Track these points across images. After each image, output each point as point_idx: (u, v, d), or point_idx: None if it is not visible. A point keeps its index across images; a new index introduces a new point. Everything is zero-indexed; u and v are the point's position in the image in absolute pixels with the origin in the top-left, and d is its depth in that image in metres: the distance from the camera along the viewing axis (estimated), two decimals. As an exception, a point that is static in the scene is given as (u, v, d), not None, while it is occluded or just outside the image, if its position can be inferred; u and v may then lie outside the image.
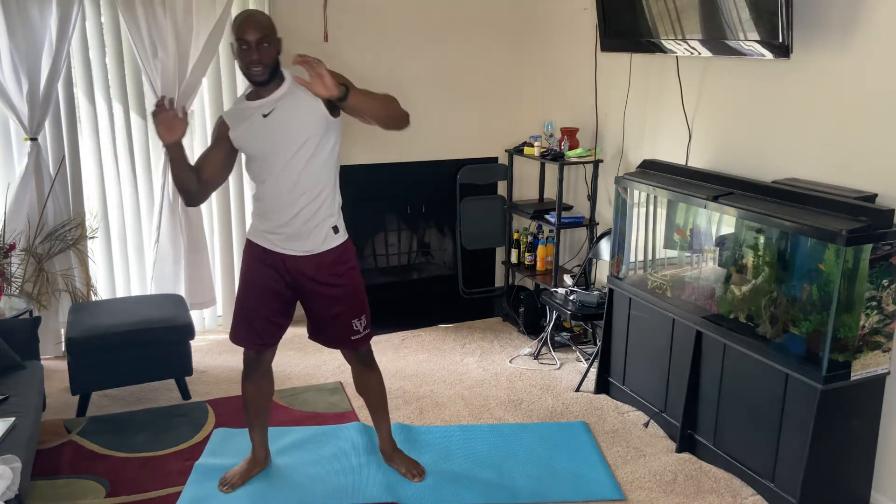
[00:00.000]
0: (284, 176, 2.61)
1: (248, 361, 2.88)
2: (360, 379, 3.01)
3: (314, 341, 2.90)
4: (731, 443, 3.09)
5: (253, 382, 2.90)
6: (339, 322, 2.80)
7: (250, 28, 2.51)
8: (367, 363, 2.96)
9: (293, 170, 2.61)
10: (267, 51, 2.53)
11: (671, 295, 3.31)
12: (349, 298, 2.79)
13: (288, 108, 2.59)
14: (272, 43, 2.55)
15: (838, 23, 2.87)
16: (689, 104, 3.64)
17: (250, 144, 2.64)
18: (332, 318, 2.80)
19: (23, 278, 3.89)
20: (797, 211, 2.75)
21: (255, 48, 2.51)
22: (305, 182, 2.63)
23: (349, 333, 2.82)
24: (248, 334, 2.82)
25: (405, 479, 3.00)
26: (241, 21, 2.53)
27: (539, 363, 4.19)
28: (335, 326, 2.81)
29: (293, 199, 2.63)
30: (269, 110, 2.59)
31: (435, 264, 5.16)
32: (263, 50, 2.52)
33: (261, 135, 2.61)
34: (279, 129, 2.58)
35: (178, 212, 4.19)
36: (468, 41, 4.83)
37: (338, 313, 2.78)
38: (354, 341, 2.84)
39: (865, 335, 2.65)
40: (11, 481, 2.33)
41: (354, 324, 2.81)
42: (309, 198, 2.64)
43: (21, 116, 3.82)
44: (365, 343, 2.89)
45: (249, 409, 2.96)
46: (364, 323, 2.84)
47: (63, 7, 3.76)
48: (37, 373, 3.15)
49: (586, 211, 4.43)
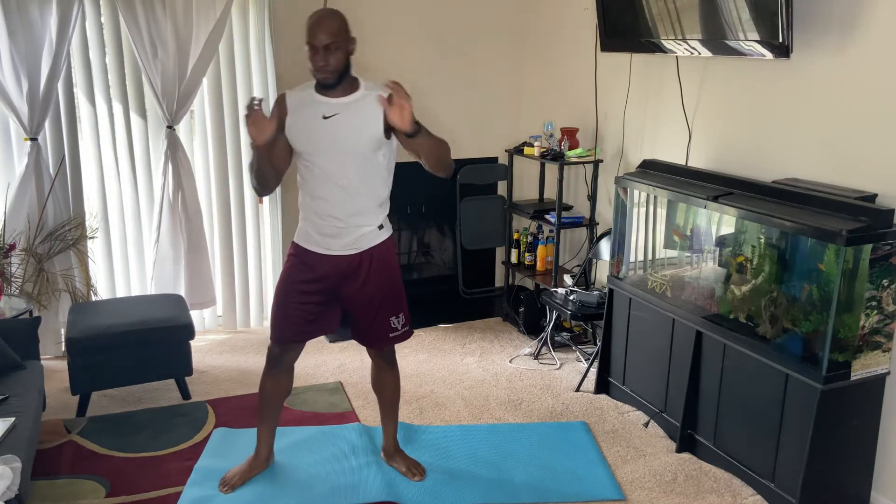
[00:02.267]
0: (335, 176, 2.62)
1: (270, 356, 2.89)
2: (378, 376, 3.03)
3: (356, 340, 2.92)
4: (731, 443, 3.09)
5: (272, 378, 2.91)
6: (378, 320, 2.82)
7: (319, 32, 2.49)
8: (389, 361, 3.00)
9: (343, 173, 2.62)
10: (335, 55, 2.52)
11: (671, 295, 3.31)
12: (388, 295, 2.81)
13: (350, 118, 2.59)
14: (341, 47, 2.53)
15: (838, 23, 2.87)
16: (689, 104, 3.64)
17: (303, 138, 2.63)
18: (371, 317, 2.82)
19: (23, 278, 3.89)
20: (797, 211, 2.75)
21: (323, 53, 2.50)
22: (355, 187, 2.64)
23: (388, 331, 2.85)
24: (281, 328, 2.83)
25: (405, 479, 3.01)
26: (311, 24, 2.51)
27: (539, 363, 4.19)
28: (374, 325, 2.83)
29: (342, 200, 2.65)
30: (332, 114, 2.59)
31: (435, 264, 5.16)
32: (331, 54, 2.51)
33: (315, 134, 2.60)
34: (334, 134, 2.58)
35: (178, 212, 4.18)
36: (468, 41, 4.83)
37: (377, 312, 2.81)
38: (393, 338, 2.87)
39: (865, 335, 2.65)
40: (11, 481, 2.33)
41: (392, 321, 2.84)
42: (358, 203, 2.66)
43: (21, 116, 3.82)
44: (403, 339, 2.91)
45: (264, 405, 2.96)
46: (402, 321, 2.87)
47: (63, 7, 3.76)
48: (37, 373, 3.15)
49: (586, 211, 4.43)
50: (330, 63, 2.52)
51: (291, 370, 2.95)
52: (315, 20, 2.52)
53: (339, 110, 2.59)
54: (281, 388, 2.95)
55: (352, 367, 4.08)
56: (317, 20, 2.52)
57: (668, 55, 3.57)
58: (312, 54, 2.52)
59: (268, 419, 3.00)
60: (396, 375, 3.04)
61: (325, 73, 2.53)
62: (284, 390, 2.97)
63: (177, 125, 4.14)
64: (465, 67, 4.85)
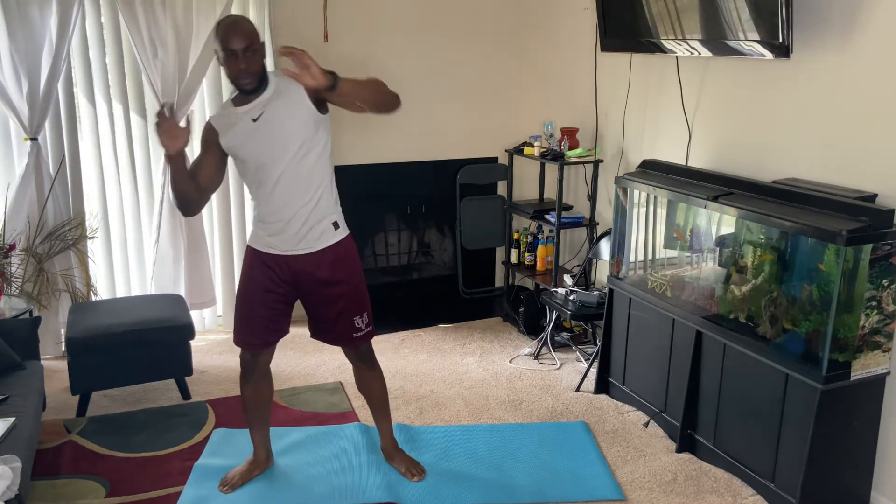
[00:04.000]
0: (280, 177, 2.60)
1: (244, 364, 2.87)
2: (360, 378, 3.01)
3: (316, 339, 2.90)
4: (731, 443, 3.09)
5: (251, 385, 2.89)
6: (341, 320, 2.79)
7: (236, 36, 2.44)
8: (368, 362, 2.96)
9: (288, 170, 2.59)
10: (253, 58, 2.48)
11: (671, 295, 3.31)
12: (351, 296, 2.78)
13: (277, 110, 2.55)
14: (258, 49, 2.51)
15: (838, 23, 2.87)
16: (689, 104, 3.64)
17: (243, 149, 2.61)
18: (333, 317, 2.79)
19: (23, 278, 3.89)
20: (797, 211, 2.75)
21: (242, 56, 2.46)
22: (301, 181, 2.62)
23: (351, 331, 2.81)
24: (245, 335, 2.81)
25: (405, 479, 3.00)
26: (225, 28, 2.46)
27: (539, 363, 4.19)
28: (337, 324, 2.81)
29: (290, 199, 2.63)
30: (259, 114, 2.56)
31: (435, 264, 5.16)
32: (250, 58, 2.47)
33: (253, 139, 2.58)
34: (270, 131, 2.56)
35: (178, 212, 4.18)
36: (468, 41, 4.83)
37: (339, 311, 2.77)
38: (356, 339, 2.84)
39: (865, 335, 2.65)
40: (11, 481, 2.33)
41: (356, 321, 2.81)
42: (306, 197, 2.63)
43: (21, 116, 3.82)
44: (366, 340, 2.88)
45: (248, 412, 2.96)
46: (366, 320, 2.84)
47: (63, 7, 3.76)
48: (37, 373, 3.15)
49: (586, 211, 4.43)
50: (251, 66, 2.48)
51: (268, 373, 2.93)
52: (229, 23, 2.47)
53: (263, 108, 2.56)
54: (261, 393, 2.93)
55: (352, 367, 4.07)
56: (231, 23, 2.47)
57: (668, 55, 3.57)
58: (231, 60, 2.46)
59: (257, 425, 2.99)
60: (379, 375, 3.02)
61: (247, 78, 2.50)
62: (266, 394, 2.96)
63: (177, 125, 4.14)
64: (465, 67, 4.85)
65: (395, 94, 2.60)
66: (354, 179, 4.60)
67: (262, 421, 2.99)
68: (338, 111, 2.64)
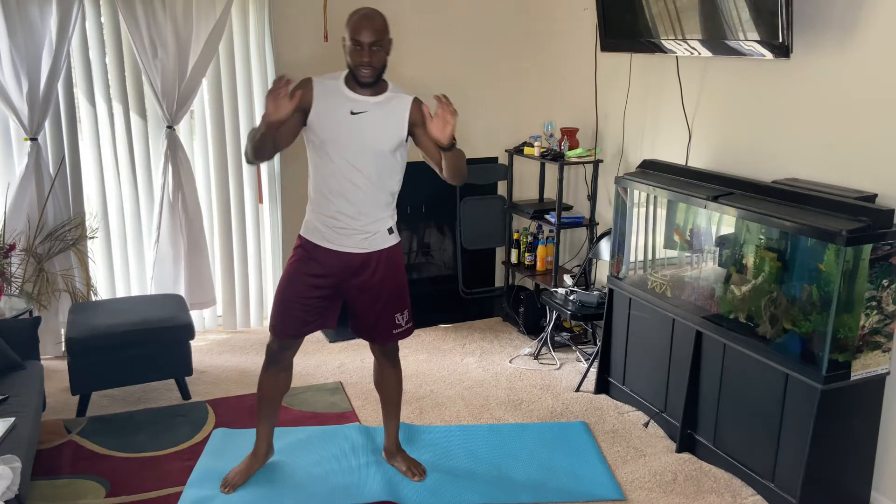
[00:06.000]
0: (359, 179, 2.64)
1: (270, 353, 2.89)
2: (381, 373, 3.04)
3: (358, 336, 2.95)
4: (731, 443, 3.09)
5: (271, 375, 2.91)
6: (383, 317, 2.84)
7: (366, 29, 2.49)
8: (392, 359, 3.01)
9: (368, 175, 2.64)
10: (377, 54, 2.53)
11: (671, 295, 3.31)
12: (394, 294, 2.83)
13: (377, 117, 2.61)
14: (384, 46, 2.55)
15: (838, 23, 2.87)
16: (689, 104, 3.64)
17: (327, 129, 2.62)
18: (376, 315, 2.83)
19: (23, 278, 3.89)
20: (797, 211, 2.75)
21: (367, 50, 2.51)
22: (375, 188, 2.68)
23: (391, 327, 2.87)
24: (279, 322, 2.82)
25: (405, 479, 3.01)
26: (358, 20, 2.51)
27: (539, 363, 4.19)
28: (378, 321, 2.85)
29: (362, 202, 2.67)
30: (361, 111, 2.60)
31: (435, 264, 5.16)
32: (374, 53, 2.52)
33: (342, 129, 2.61)
34: (362, 131, 2.60)
35: (178, 212, 4.19)
36: (468, 41, 4.83)
37: (382, 309, 2.82)
38: (396, 335, 2.89)
39: (865, 335, 2.65)
40: (11, 481, 2.33)
41: (397, 318, 2.86)
42: (375, 203, 2.69)
43: (21, 116, 3.82)
44: (406, 336, 2.93)
45: (262, 402, 2.97)
46: (406, 317, 2.89)
47: (63, 7, 3.76)
48: (37, 373, 3.15)
49: (586, 211, 4.43)
50: (374, 61, 2.53)
51: (290, 367, 2.95)
52: (362, 16, 2.51)
53: (367, 108, 2.61)
54: (280, 385, 2.95)
55: (352, 367, 4.08)
56: (364, 17, 2.51)
57: (668, 55, 3.57)
58: (357, 51, 2.52)
59: (267, 416, 3.00)
60: (399, 373, 3.05)
61: (368, 70, 2.54)
62: (283, 387, 2.97)
63: (177, 125, 4.14)
64: (464, 67, 4.85)
65: (467, 173, 2.72)
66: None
67: (272, 412, 3.00)
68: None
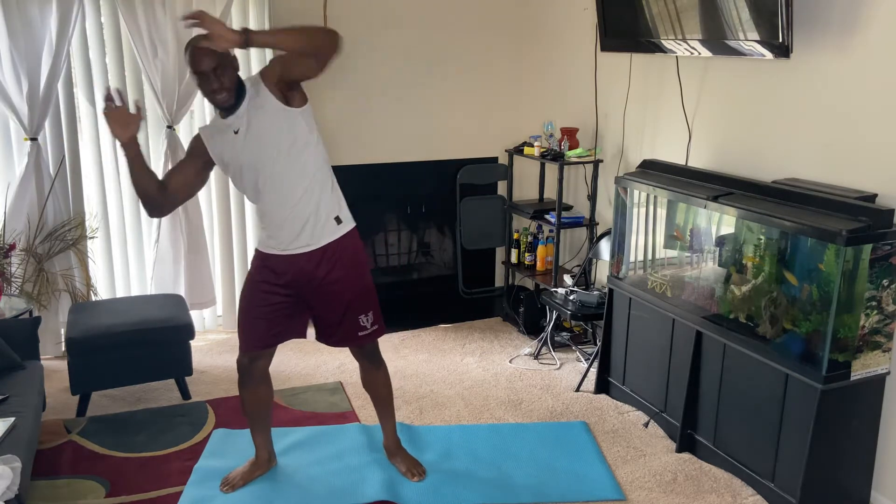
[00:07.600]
0: (270, 179, 2.60)
1: (241, 368, 2.86)
2: (366, 376, 3.01)
3: (322, 343, 2.87)
4: (731, 443, 3.09)
5: (249, 390, 2.88)
6: (346, 319, 2.77)
7: (201, 58, 2.44)
8: (373, 360, 2.95)
9: (277, 172, 2.59)
10: (226, 74, 2.48)
11: (671, 295, 3.31)
12: (354, 293, 2.75)
13: (255, 119, 2.56)
14: (228, 64, 2.50)
15: (838, 23, 2.87)
16: (689, 104, 3.64)
17: (234, 159, 2.62)
18: (338, 317, 2.77)
19: (23, 278, 3.89)
20: (797, 211, 2.75)
21: (213, 76, 2.46)
22: (293, 179, 2.60)
23: (356, 330, 2.79)
24: (244, 336, 2.81)
25: (405, 479, 3.00)
26: (190, 54, 2.47)
27: (539, 363, 4.18)
28: (342, 325, 2.78)
29: (284, 198, 2.62)
30: (239, 127, 2.57)
31: (435, 264, 5.16)
32: (221, 75, 2.47)
33: (238, 150, 2.59)
34: (253, 140, 2.56)
35: (178, 212, 4.18)
36: (469, 41, 4.83)
37: (344, 310, 2.75)
38: (362, 338, 2.81)
39: (865, 335, 2.65)
40: (11, 481, 2.33)
41: (361, 320, 2.78)
42: (300, 194, 2.62)
43: (21, 116, 3.82)
44: (372, 339, 2.85)
45: (248, 416, 2.96)
46: (372, 319, 2.81)
47: (63, 7, 3.76)
48: (37, 373, 3.15)
49: (586, 211, 4.43)
50: (224, 83, 2.48)
51: (266, 378, 2.92)
52: (192, 49, 2.46)
53: (242, 119, 2.56)
54: (262, 399, 2.93)
55: (352, 367, 4.07)
56: (193, 49, 2.46)
57: (668, 55, 3.57)
58: (204, 82, 2.48)
59: (259, 429, 2.99)
60: (384, 372, 3.00)
61: (223, 94, 2.50)
62: (266, 400, 2.95)
63: (177, 125, 4.14)
64: (464, 67, 4.85)
65: (327, 33, 2.43)
66: (354, 179, 4.59)
67: (262, 423, 2.99)
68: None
